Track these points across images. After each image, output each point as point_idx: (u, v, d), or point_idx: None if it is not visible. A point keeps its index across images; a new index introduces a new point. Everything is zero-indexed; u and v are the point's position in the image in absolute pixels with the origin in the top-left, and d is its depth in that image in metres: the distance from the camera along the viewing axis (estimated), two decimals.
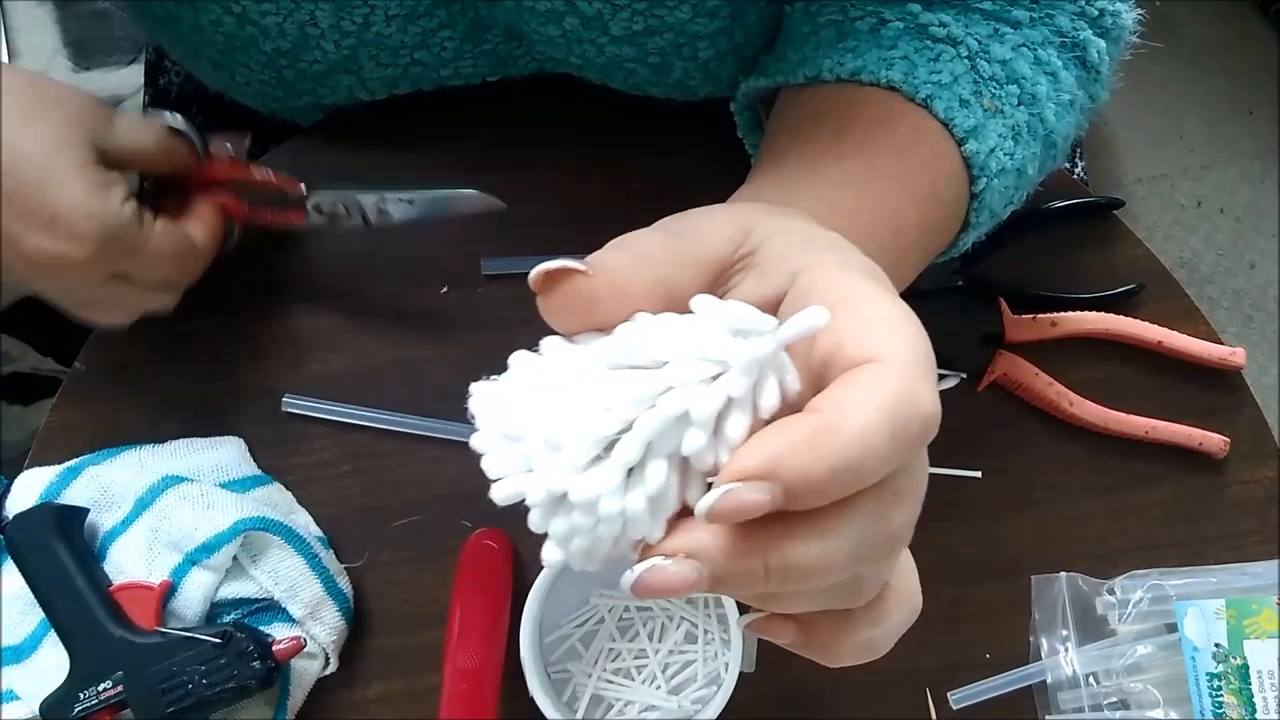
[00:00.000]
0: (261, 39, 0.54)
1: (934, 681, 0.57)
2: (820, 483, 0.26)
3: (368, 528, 0.59)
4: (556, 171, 0.64)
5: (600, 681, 0.56)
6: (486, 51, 0.58)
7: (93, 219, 0.47)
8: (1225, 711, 0.54)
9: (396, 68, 0.57)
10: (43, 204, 0.46)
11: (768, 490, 0.26)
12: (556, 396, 0.28)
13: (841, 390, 0.27)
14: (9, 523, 0.54)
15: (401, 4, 0.52)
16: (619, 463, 0.27)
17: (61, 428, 0.60)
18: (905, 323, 0.29)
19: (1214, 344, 0.60)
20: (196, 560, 0.53)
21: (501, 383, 0.30)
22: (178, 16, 0.55)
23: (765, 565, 0.27)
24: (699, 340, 0.27)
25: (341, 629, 0.56)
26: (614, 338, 0.29)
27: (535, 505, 0.28)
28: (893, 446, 0.26)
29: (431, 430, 0.60)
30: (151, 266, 0.51)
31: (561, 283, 0.30)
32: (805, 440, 0.26)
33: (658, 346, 0.27)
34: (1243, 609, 0.55)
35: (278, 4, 0.51)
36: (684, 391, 0.27)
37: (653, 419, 0.26)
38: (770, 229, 0.33)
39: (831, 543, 0.27)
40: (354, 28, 0.53)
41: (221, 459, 0.58)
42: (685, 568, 0.27)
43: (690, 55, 0.54)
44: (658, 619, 0.57)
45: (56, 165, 0.46)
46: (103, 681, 0.51)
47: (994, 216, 0.49)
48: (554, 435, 0.27)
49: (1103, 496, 0.60)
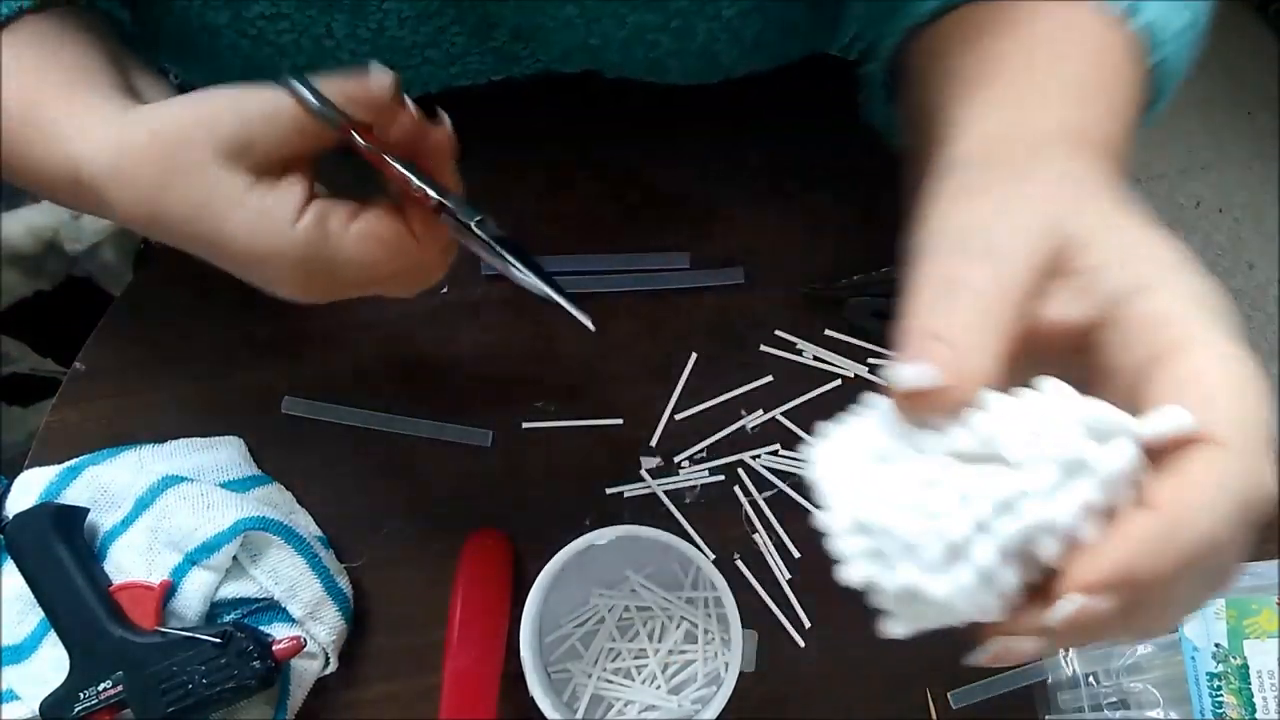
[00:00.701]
0: (278, 58, 0.53)
1: (934, 681, 0.57)
2: (1167, 583, 0.26)
3: (368, 528, 0.59)
4: (556, 172, 0.64)
5: (600, 681, 0.56)
6: (493, 49, 0.58)
7: (271, 259, 0.42)
8: (1225, 711, 0.54)
9: (409, 69, 0.57)
10: (231, 255, 0.42)
11: (1117, 599, 0.26)
12: (906, 484, 0.28)
13: (1183, 481, 0.26)
14: (9, 523, 0.54)
15: (414, 4, 0.52)
16: (976, 570, 0.27)
17: (61, 428, 0.60)
18: (1250, 388, 0.27)
19: None
20: (196, 560, 0.53)
21: (842, 444, 0.30)
22: (194, 44, 0.54)
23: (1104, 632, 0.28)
24: (1056, 441, 0.27)
25: (341, 629, 0.56)
26: (963, 425, 0.29)
27: (887, 596, 0.29)
28: (1239, 537, 0.26)
29: (431, 430, 0.60)
30: (361, 273, 0.43)
31: (928, 398, 0.29)
32: (1153, 545, 0.26)
33: (1012, 443, 0.27)
34: (1243, 609, 0.55)
35: (293, 21, 0.51)
36: (1042, 500, 0.27)
37: (1012, 529, 0.27)
38: (1092, 227, 0.31)
39: (1161, 611, 0.28)
40: (369, 34, 0.53)
41: (221, 459, 0.58)
42: (1031, 645, 0.28)
43: (714, 14, 0.54)
44: (658, 619, 0.57)
45: (215, 215, 0.41)
46: (103, 681, 0.51)
47: (1179, 76, 0.48)
48: (909, 536, 0.27)
49: None
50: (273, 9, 0.50)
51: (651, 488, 0.59)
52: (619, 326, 0.62)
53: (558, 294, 0.44)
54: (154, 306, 0.62)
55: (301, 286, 0.43)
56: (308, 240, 0.42)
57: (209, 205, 0.41)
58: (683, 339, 0.62)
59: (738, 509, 0.59)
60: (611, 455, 0.60)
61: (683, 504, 0.59)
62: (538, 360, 0.61)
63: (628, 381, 0.61)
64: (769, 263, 0.62)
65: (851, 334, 0.61)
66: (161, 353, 0.61)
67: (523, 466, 0.60)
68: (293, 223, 0.42)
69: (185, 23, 0.52)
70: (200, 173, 0.41)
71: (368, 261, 0.43)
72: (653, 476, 0.59)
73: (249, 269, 0.43)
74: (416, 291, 0.46)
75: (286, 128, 0.41)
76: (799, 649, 0.58)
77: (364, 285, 0.44)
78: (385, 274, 0.44)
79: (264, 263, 0.42)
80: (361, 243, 0.42)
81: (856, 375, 0.61)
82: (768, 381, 0.61)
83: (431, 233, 0.44)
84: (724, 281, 0.62)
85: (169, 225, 0.42)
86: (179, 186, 0.41)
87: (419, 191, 0.43)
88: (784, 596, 0.58)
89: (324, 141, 0.43)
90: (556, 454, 0.60)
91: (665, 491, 0.59)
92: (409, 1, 0.52)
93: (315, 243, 0.42)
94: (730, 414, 0.61)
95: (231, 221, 0.41)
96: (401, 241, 0.43)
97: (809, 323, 0.62)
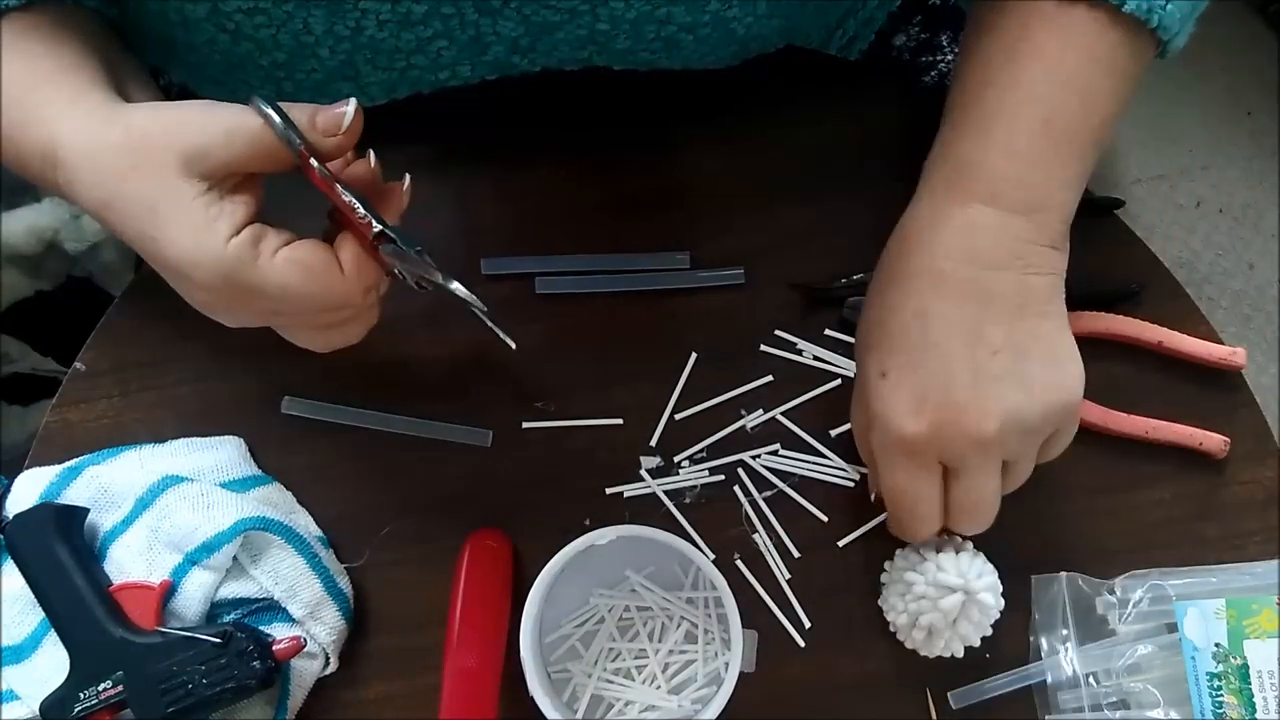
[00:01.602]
0: (258, 54, 0.54)
1: (934, 681, 0.57)
2: None
3: (368, 528, 0.59)
4: (556, 171, 0.64)
5: (600, 681, 0.56)
6: (486, 62, 0.58)
7: (199, 267, 0.44)
8: (1225, 711, 0.54)
9: (394, 71, 0.57)
10: (164, 256, 0.45)
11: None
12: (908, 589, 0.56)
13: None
14: (9, 523, 0.54)
15: (394, 10, 0.52)
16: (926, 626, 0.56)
17: (61, 428, 0.60)
18: None
19: (1214, 344, 0.60)
20: (196, 560, 0.53)
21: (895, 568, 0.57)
22: (172, 39, 0.55)
23: None
24: (959, 576, 0.54)
25: (341, 629, 0.56)
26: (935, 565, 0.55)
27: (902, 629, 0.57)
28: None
29: (431, 430, 0.60)
30: (283, 301, 0.45)
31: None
32: None
33: (946, 576, 0.54)
34: (1243, 609, 0.55)
35: (270, 16, 0.51)
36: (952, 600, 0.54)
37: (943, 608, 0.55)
38: None
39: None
40: (347, 33, 0.53)
41: (221, 459, 0.58)
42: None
43: None
44: (658, 619, 0.57)
45: (160, 214, 0.44)
46: (103, 681, 0.51)
47: (1193, 13, 0.51)
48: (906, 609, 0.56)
49: (1103, 496, 0.60)
50: (249, 3, 0.50)
51: (651, 488, 0.59)
52: (619, 326, 0.62)
53: (485, 315, 0.49)
54: (154, 306, 0.62)
55: (223, 302, 0.46)
56: (238, 255, 0.44)
57: (157, 205, 0.44)
58: (682, 339, 0.62)
59: (738, 509, 0.59)
60: (611, 455, 0.60)
61: (683, 504, 0.59)
62: (538, 360, 0.61)
63: (628, 381, 0.61)
64: (769, 263, 0.62)
65: (851, 334, 0.61)
66: (161, 353, 0.61)
67: (523, 466, 0.60)
68: (227, 238, 0.44)
69: (164, 17, 0.53)
70: (157, 172, 0.44)
71: (290, 286, 0.44)
72: (653, 476, 0.59)
73: (178, 276, 0.45)
74: (338, 339, 0.49)
75: (245, 143, 0.44)
76: (799, 649, 0.58)
77: (287, 314, 0.47)
78: (307, 304, 0.46)
79: (193, 269, 0.44)
80: (288, 266, 0.44)
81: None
82: (768, 381, 0.61)
83: (360, 269, 0.46)
84: (724, 282, 0.62)
85: (119, 217, 0.45)
86: (135, 180, 0.44)
87: (364, 220, 0.45)
88: (784, 596, 0.58)
89: (279, 163, 0.45)
90: (556, 454, 0.60)
91: (665, 491, 0.59)
92: (389, 5, 0.51)
93: (244, 260, 0.44)
94: (730, 414, 0.61)
95: (173, 224, 0.44)
96: (327, 271, 0.45)
97: (809, 323, 0.62)
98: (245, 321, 0.47)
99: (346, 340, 0.50)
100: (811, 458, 0.60)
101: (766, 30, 0.57)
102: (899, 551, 0.57)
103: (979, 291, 0.49)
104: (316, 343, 0.50)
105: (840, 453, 0.60)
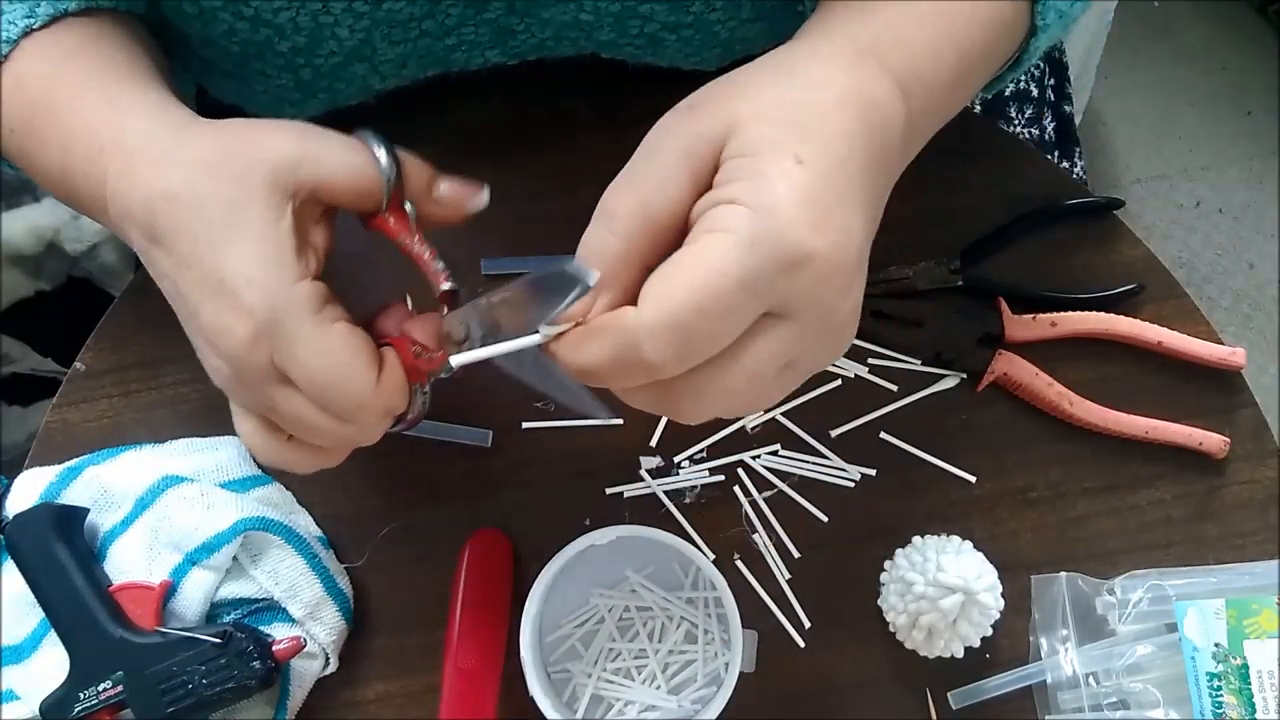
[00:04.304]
0: (277, 39, 0.53)
1: (934, 681, 0.57)
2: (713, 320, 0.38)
3: (368, 528, 0.59)
4: (557, 171, 0.64)
5: (600, 681, 0.56)
6: (488, 20, 0.57)
7: (254, 286, 0.39)
8: (1225, 711, 0.54)
9: (407, 43, 0.56)
10: (216, 266, 0.40)
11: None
12: (907, 589, 0.56)
13: (703, 244, 0.38)
14: (9, 523, 0.54)
15: None
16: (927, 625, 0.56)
17: (61, 428, 0.60)
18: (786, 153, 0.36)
19: (1214, 344, 0.60)
20: (196, 560, 0.53)
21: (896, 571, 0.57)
22: (187, 34, 0.54)
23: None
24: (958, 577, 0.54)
25: (341, 629, 0.56)
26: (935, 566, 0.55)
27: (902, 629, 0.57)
28: (762, 278, 0.36)
29: (431, 430, 0.60)
30: (306, 368, 0.40)
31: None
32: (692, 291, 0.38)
33: (945, 576, 0.54)
34: (1243, 609, 0.55)
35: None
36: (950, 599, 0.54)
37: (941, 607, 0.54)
38: (741, 119, 0.38)
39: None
40: (366, 7, 0.52)
41: (221, 459, 0.58)
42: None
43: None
44: (658, 619, 0.57)
45: (233, 222, 0.40)
46: (103, 681, 0.51)
47: (1064, 16, 0.48)
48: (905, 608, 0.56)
49: (1103, 496, 0.60)
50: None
51: (651, 488, 0.59)
52: None
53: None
54: (154, 306, 0.61)
55: (246, 343, 0.40)
56: (302, 299, 0.40)
57: (236, 205, 0.40)
58: None
59: (738, 509, 0.59)
60: (611, 455, 0.60)
61: (683, 504, 0.59)
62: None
63: None
64: None
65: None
66: (161, 353, 0.61)
67: (523, 466, 0.60)
68: (298, 277, 0.40)
69: (178, 12, 0.52)
70: (244, 173, 0.41)
71: (330, 358, 0.40)
72: (653, 476, 0.59)
73: (217, 290, 0.40)
74: (305, 458, 0.45)
75: (342, 169, 0.42)
76: (799, 649, 0.58)
77: (292, 401, 0.41)
78: (326, 391, 0.41)
79: (246, 286, 0.39)
80: (339, 341, 0.41)
81: (856, 375, 0.61)
82: None
83: (393, 382, 0.42)
84: None
85: (180, 209, 0.41)
86: (218, 175, 0.41)
87: (440, 274, 0.44)
88: (784, 596, 0.58)
89: (363, 201, 0.43)
90: (556, 454, 0.60)
91: (665, 491, 0.59)
92: None
93: (304, 309, 0.40)
94: None
95: (244, 232, 0.40)
96: (367, 368, 0.41)
97: None
98: (250, 376, 0.41)
99: (305, 464, 0.45)
100: (811, 458, 0.60)
101: (750, 34, 0.57)
102: (899, 551, 0.57)
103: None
104: (286, 455, 0.45)
105: (840, 453, 0.60)
